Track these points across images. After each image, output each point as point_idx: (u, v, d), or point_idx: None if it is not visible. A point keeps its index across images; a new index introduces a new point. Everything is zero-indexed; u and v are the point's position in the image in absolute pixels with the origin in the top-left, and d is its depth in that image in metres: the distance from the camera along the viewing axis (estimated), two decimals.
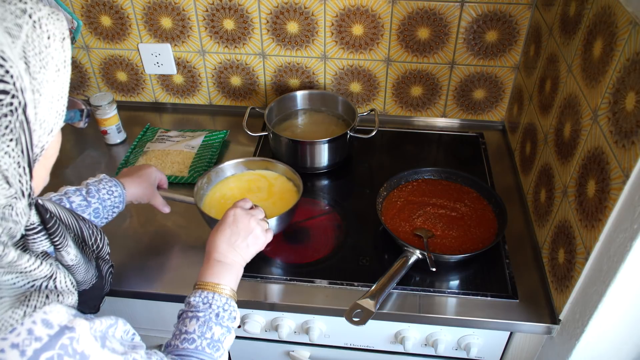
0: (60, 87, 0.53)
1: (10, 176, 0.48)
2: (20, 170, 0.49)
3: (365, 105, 1.52)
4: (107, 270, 0.76)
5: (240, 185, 1.19)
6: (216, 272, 0.83)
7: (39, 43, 0.49)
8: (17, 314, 0.50)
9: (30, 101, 0.49)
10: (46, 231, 0.58)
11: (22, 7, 0.48)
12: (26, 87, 0.48)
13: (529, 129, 1.23)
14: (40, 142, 0.53)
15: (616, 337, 0.87)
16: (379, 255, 1.12)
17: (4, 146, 0.47)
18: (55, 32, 0.52)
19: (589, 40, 0.92)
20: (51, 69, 0.51)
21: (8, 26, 0.46)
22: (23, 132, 0.48)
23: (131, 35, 1.45)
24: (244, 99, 1.56)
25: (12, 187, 0.49)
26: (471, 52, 1.36)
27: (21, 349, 0.48)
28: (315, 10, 1.33)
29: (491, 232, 1.11)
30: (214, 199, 1.16)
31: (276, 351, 1.19)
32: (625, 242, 0.74)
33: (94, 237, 0.70)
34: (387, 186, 1.20)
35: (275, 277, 1.07)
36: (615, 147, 0.79)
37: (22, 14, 0.48)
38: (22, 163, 0.49)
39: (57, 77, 0.52)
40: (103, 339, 0.56)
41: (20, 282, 0.53)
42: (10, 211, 0.50)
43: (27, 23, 0.48)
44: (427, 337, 1.07)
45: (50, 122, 0.53)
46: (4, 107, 0.45)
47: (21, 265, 0.52)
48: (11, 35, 0.46)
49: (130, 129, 1.49)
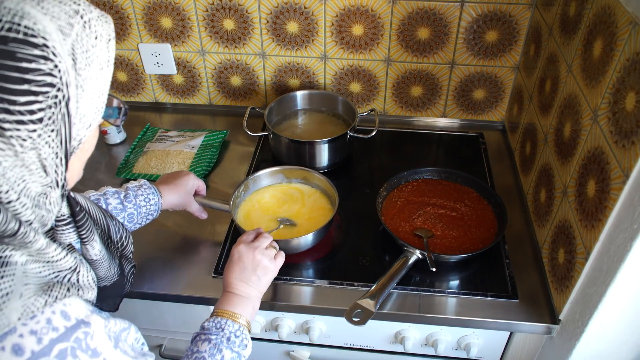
0: (102, 85, 0.56)
1: (47, 165, 0.51)
2: (57, 161, 0.52)
3: (365, 105, 1.52)
4: (130, 270, 0.78)
5: (276, 195, 1.20)
6: (232, 303, 0.85)
7: (87, 42, 0.52)
8: (38, 302, 0.51)
9: (74, 96, 0.51)
10: (75, 224, 0.60)
11: (76, 8, 0.52)
12: (71, 82, 0.51)
13: (529, 129, 1.23)
14: (78, 136, 0.55)
15: (616, 337, 0.87)
16: (379, 255, 1.12)
17: (45, 136, 0.49)
18: (102, 34, 0.55)
19: (589, 40, 0.92)
20: (95, 67, 0.54)
21: (61, 24, 0.50)
22: (64, 124, 0.51)
23: (131, 35, 1.45)
24: (244, 99, 1.56)
25: (48, 176, 0.51)
26: (471, 52, 1.36)
27: (39, 336, 0.49)
28: (315, 10, 1.33)
29: (491, 232, 1.11)
30: (250, 208, 1.17)
31: (276, 351, 1.19)
32: (625, 242, 0.74)
33: (119, 234, 0.72)
34: (387, 186, 1.20)
35: (275, 277, 1.06)
36: (615, 147, 0.79)
37: (74, 14, 0.52)
38: (60, 154, 0.52)
39: (100, 75, 0.55)
40: (117, 340, 0.57)
41: (45, 272, 0.54)
42: (45, 199, 0.53)
43: (78, 23, 0.52)
44: (427, 337, 1.07)
45: (89, 117, 0.55)
46: (49, 99, 0.48)
47: (48, 254, 0.54)
48: (63, 32, 0.50)
49: (131, 129, 1.49)
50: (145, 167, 1.32)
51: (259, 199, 1.19)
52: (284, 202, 1.18)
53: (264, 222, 1.14)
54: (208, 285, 1.06)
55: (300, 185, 1.22)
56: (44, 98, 0.48)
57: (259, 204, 1.18)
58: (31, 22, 0.47)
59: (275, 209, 1.17)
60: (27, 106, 0.47)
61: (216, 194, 1.28)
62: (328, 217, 1.11)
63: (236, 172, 1.35)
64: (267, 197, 1.19)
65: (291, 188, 1.22)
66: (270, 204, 1.18)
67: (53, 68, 0.48)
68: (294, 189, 1.21)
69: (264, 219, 1.14)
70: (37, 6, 0.48)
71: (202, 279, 1.07)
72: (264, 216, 1.15)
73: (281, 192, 1.21)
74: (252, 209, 1.17)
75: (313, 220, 1.13)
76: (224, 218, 1.19)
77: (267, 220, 1.14)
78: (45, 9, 0.49)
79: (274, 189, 1.21)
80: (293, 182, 1.22)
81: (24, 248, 0.51)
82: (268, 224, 1.13)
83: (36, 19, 0.47)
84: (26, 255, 0.52)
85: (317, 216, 1.14)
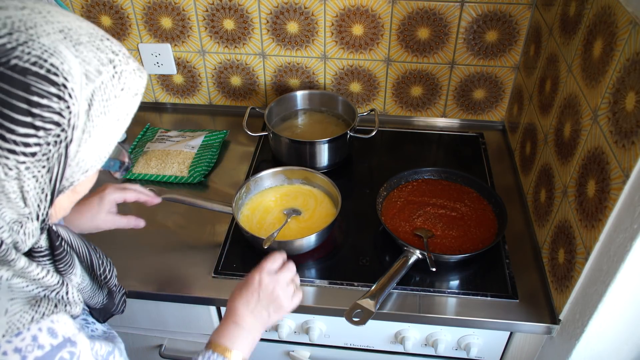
0: (113, 135, 0.55)
1: (29, 198, 0.50)
2: (42, 196, 0.51)
3: (365, 105, 1.52)
4: (120, 298, 0.77)
5: (278, 196, 1.20)
6: (231, 334, 0.79)
7: (110, 92, 0.53)
8: (24, 318, 0.50)
9: (77, 139, 0.51)
10: (52, 257, 0.59)
11: (111, 57, 0.53)
12: (79, 125, 0.50)
13: (529, 129, 1.23)
14: (72, 177, 0.54)
15: (616, 337, 0.87)
16: (379, 255, 1.12)
17: (34, 170, 0.49)
18: (131, 87, 0.55)
19: (589, 40, 0.92)
20: (111, 117, 0.54)
21: (89, 70, 0.50)
22: (58, 163, 0.50)
23: (131, 35, 1.45)
24: (244, 99, 1.56)
25: (27, 207, 0.50)
26: (471, 52, 1.36)
27: (23, 354, 0.48)
28: (315, 10, 1.33)
29: (491, 232, 1.11)
30: (253, 209, 1.17)
31: (276, 351, 1.18)
32: (625, 242, 0.74)
33: (103, 267, 0.71)
34: (387, 186, 1.20)
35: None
36: (615, 147, 0.79)
37: (108, 62, 0.52)
38: (47, 190, 0.51)
39: (114, 126, 0.55)
40: None
41: (31, 287, 0.53)
42: (19, 227, 0.52)
43: (108, 72, 0.52)
44: (427, 337, 1.07)
45: (88, 163, 0.54)
46: (49, 137, 0.48)
47: (31, 272, 0.53)
48: (88, 78, 0.50)
49: (130, 129, 1.49)
50: (145, 167, 1.32)
51: (261, 200, 1.19)
52: (286, 203, 1.18)
53: (268, 222, 1.14)
54: (208, 285, 1.06)
55: (301, 186, 1.22)
56: (45, 134, 0.47)
57: (261, 205, 1.18)
58: (59, 61, 0.48)
59: (277, 209, 1.17)
60: (23, 138, 0.46)
61: (216, 195, 1.28)
62: (331, 217, 1.11)
63: (236, 172, 1.35)
64: (269, 198, 1.19)
65: (293, 189, 1.22)
66: (272, 204, 1.18)
67: (64, 108, 0.48)
68: (295, 190, 1.21)
69: (267, 219, 1.14)
70: (72, 48, 0.49)
71: (202, 279, 1.07)
72: (267, 216, 1.15)
73: (283, 193, 1.21)
74: (255, 210, 1.17)
75: (315, 221, 1.13)
76: (223, 218, 1.19)
77: (271, 220, 1.14)
78: (79, 52, 0.50)
79: (275, 190, 1.21)
80: (294, 182, 1.22)
81: (7, 265, 0.51)
82: (272, 224, 1.13)
83: (65, 58, 0.48)
84: (11, 271, 0.51)
85: (319, 217, 1.14)
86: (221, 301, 1.05)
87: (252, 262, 1.10)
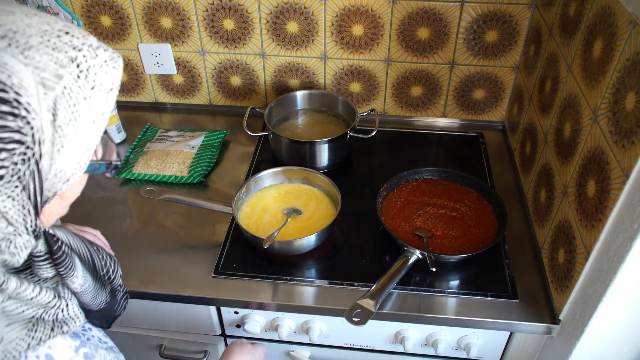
0: (90, 139, 0.51)
1: (10, 217, 0.47)
2: (25, 212, 0.48)
3: (365, 105, 1.52)
4: (122, 298, 0.75)
5: (278, 196, 1.20)
6: None
7: (77, 94, 0.48)
8: (21, 345, 0.49)
9: (47, 153, 0.47)
10: (52, 260, 0.57)
11: (73, 55, 0.47)
12: (45, 139, 0.46)
13: (529, 129, 1.23)
14: (53, 188, 0.51)
15: (616, 337, 0.87)
16: (379, 255, 1.12)
17: (7, 191, 0.45)
18: (104, 82, 0.50)
19: (589, 40, 0.92)
20: (84, 121, 0.49)
21: (45, 77, 0.45)
22: (33, 180, 0.47)
23: (131, 35, 1.45)
24: (244, 99, 1.56)
25: (11, 225, 0.48)
26: (471, 52, 1.36)
27: None
28: (315, 10, 1.33)
29: (491, 232, 1.11)
30: (252, 209, 1.17)
31: (276, 351, 1.18)
32: (625, 242, 0.74)
33: (106, 267, 0.68)
34: (387, 186, 1.20)
35: (276, 277, 1.07)
36: (615, 147, 0.79)
37: (69, 62, 0.47)
38: (28, 206, 0.48)
39: (89, 129, 0.50)
40: None
41: (26, 310, 0.52)
42: (8, 244, 0.49)
43: (70, 73, 0.47)
44: (427, 337, 1.07)
45: (67, 172, 0.51)
46: (15, 156, 0.44)
47: (23, 292, 0.51)
48: (45, 86, 0.45)
49: (130, 129, 1.49)
50: (145, 167, 1.32)
51: (261, 200, 1.19)
52: (286, 202, 1.18)
53: (268, 222, 1.14)
54: (208, 285, 1.06)
55: (302, 186, 1.22)
56: (8, 155, 0.44)
57: (261, 205, 1.18)
58: (5, 75, 0.43)
59: (277, 209, 1.17)
60: None
61: (216, 195, 1.28)
62: (331, 217, 1.11)
63: (236, 172, 1.35)
64: (269, 198, 1.19)
65: (293, 189, 1.21)
66: (272, 204, 1.18)
67: (24, 125, 0.44)
68: (295, 190, 1.21)
69: (267, 219, 1.14)
70: (20, 55, 0.44)
71: (202, 279, 1.07)
72: (267, 216, 1.15)
73: (283, 193, 1.21)
74: (255, 210, 1.17)
75: (315, 221, 1.13)
76: (223, 218, 1.19)
77: (271, 220, 1.14)
78: (30, 58, 0.44)
79: (275, 190, 1.21)
80: (294, 182, 1.22)
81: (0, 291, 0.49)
82: (272, 223, 1.13)
83: (12, 71, 0.43)
84: (4, 294, 0.49)
85: (319, 217, 1.14)
86: (221, 301, 1.05)
87: (252, 262, 1.10)
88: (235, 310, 1.09)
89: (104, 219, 1.21)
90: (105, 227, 1.19)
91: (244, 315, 1.10)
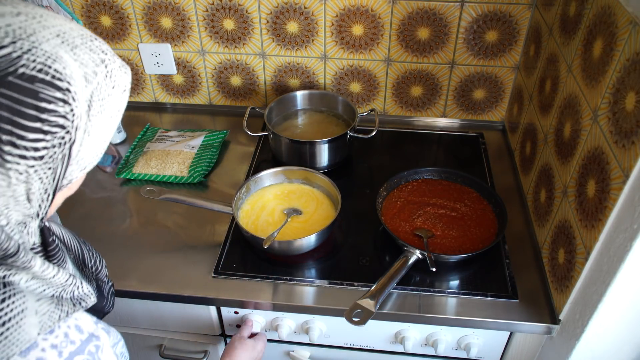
0: (108, 133, 0.58)
1: (34, 199, 0.52)
2: (45, 196, 0.53)
3: (365, 105, 1.52)
4: (108, 291, 0.79)
5: (278, 196, 1.20)
6: None
7: (104, 90, 0.55)
8: (53, 317, 0.54)
9: (79, 139, 0.53)
10: (45, 253, 0.61)
11: (102, 57, 0.55)
12: (81, 126, 0.53)
13: (529, 129, 1.23)
14: (70, 176, 0.56)
15: (616, 337, 0.87)
16: (379, 255, 1.12)
17: (40, 172, 0.51)
18: (120, 84, 0.57)
19: (589, 40, 0.92)
20: (106, 115, 0.56)
21: (87, 72, 0.52)
22: (62, 164, 0.53)
23: (131, 35, 1.45)
24: (244, 99, 1.56)
25: (32, 207, 0.53)
26: (471, 52, 1.36)
27: (59, 349, 0.52)
28: (315, 10, 1.33)
29: (491, 232, 1.11)
30: (252, 209, 1.17)
31: (276, 351, 1.18)
32: (625, 242, 0.74)
33: (94, 259, 0.74)
34: (387, 186, 1.20)
35: (275, 277, 1.07)
36: (615, 147, 0.79)
37: (100, 63, 0.54)
38: (49, 190, 0.53)
39: (108, 123, 0.57)
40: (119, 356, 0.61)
41: (49, 289, 0.56)
42: (23, 228, 0.54)
43: (102, 72, 0.54)
44: (427, 337, 1.07)
45: (86, 161, 0.57)
46: (55, 139, 0.50)
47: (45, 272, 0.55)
48: (86, 80, 0.52)
49: (130, 129, 1.49)
50: (145, 167, 1.32)
51: (260, 200, 1.19)
52: (286, 202, 1.18)
53: (268, 221, 1.14)
54: (208, 285, 1.06)
55: (302, 186, 1.22)
56: (51, 137, 0.50)
57: (261, 205, 1.18)
58: (62, 66, 0.50)
59: (277, 209, 1.17)
60: (33, 143, 0.48)
61: (216, 195, 1.28)
62: (330, 217, 1.11)
63: (236, 172, 1.35)
64: (269, 198, 1.19)
65: (293, 189, 1.21)
66: (272, 204, 1.18)
67: (69, 112, 0.50)
68: (295, 190, 1.21)
69: (267, 219, 1.14)
70: (71, 52, 0.51)
71: (202, 279, 1.07)
72: (267, 216, 1.15)
73: (283, 192, 1.21)
74: (255, 210, 1.17)
75: (315, 221, 1.13)
76: (223, 218, 1.19)
77: (271, 220, 1.14)
78: (77, 55, 0.52)
79: (275, 190, 1.21)
80: (294, 182, 1.22)
81: (26, 270, 0.53)
82: (272, 223, 1.13)
83: (66, 63, 0.50)
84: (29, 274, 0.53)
85: (319, 217, 1.14)
86: (221, 301, 1.05)
87: (252, 262, 1.10)
88: (235, 310, 1.09)
89: (104, 219, 1.21)
90: (105, 227, 1.20)
91: (244, 315, 1.10)
